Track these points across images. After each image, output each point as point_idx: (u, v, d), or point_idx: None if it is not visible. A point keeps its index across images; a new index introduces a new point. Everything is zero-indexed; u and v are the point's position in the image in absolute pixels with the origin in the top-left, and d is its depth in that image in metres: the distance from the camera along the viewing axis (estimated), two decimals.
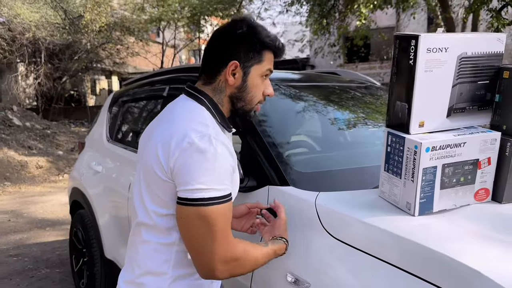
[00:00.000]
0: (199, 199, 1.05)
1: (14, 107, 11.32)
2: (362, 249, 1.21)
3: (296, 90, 2.08)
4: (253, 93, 1.23)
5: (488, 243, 1.11)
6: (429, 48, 1.21)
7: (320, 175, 1.56)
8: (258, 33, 1.20)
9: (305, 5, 11.96)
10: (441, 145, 1.22)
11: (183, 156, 1.06)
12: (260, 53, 1.21)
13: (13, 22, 11.20)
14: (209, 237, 1.07)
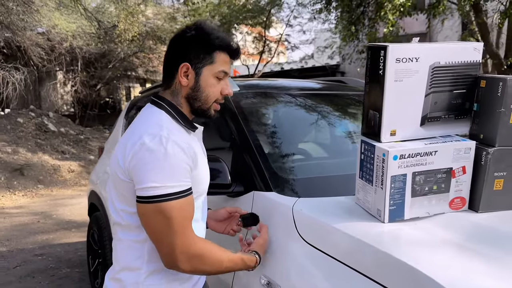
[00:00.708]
0: (153, 197, 1.12)
1: (50, 113, 11.86)
2: (330, 254, 1.24)
3: (294, 98, 2.12)
4: (207, 93, 1.27)
5: (452, 252, 1.11)
6: (398, 58, 1.24)
7: (301, 182, 1.60)
8: (207, 34, 1.25)
9: (334, 12, 11.92)
10: (410, 153, 1.24)
11: (136, 157, 1.13)
12: (210, 54, 1.25)
13: (51, 32, 11.76)
14: (168, 231, 1.14)
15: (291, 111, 2.04)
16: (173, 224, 1.13)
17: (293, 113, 2.03)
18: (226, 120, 1.89)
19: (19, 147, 8.46)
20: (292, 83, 2.52)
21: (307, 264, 1.28)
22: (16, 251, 4.32)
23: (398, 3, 7.99)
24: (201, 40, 1.25)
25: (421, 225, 1.27)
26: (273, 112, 2.03)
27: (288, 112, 2.06)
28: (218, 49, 1.26)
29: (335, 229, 1.25)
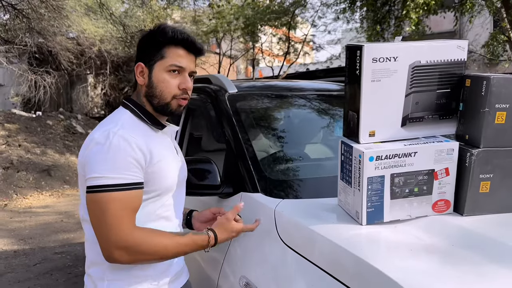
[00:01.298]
0: (93, 187, 1.15)
1: (79, 115, 12.22)
2: (305, 256, 1.23)
3: (290, 99, 2.11)
4: (161, 88, 1.28)
5: (427, 256, 1.09)
6: (375, 58, 1.21)
7: (286, 183, 1.59)
8: (155, 33, 1.28)
9: (358, 12, 11.77)
10: (387, 154, 1.22)
11: (86, 151, 1.20)
12: (159, 50, 1.28)
13: (80, 37, 12.13)
14: (103, 222, 1.15)
15: (285, 113, 2.04)
16: (108, 215, 1.14)
17: (286, 114, 2.02)
18: (220, 121, 1.90)
19: (48, 148, 8.77)
20: (291, 84, 2.51)
21: (284, 267, 1.28)
22: (37, 249, 4.48)
23: (421, 1, 7.80)
24: (151, 38, 1.29)
25: (401, 228, 1.24)
26: (266, 114, 2.03)
27: (282, 113, 2.05)
28: (167, 44, 1.28)
29: (311, 231, 1.24)
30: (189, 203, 1.94)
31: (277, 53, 17.54)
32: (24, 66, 12.29)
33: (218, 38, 16.28)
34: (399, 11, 10.58)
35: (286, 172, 1.70)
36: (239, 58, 19.15)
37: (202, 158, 1.70)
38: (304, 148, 1.92)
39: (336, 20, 14.62)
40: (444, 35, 14.23)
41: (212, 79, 2.30)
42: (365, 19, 11.71)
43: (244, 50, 18.72)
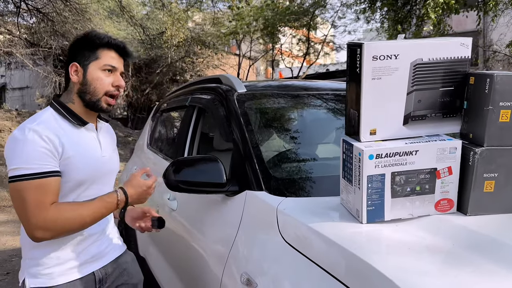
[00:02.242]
0: (12, 177, 1.30)
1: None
2: (305, 254, 1.23)
3: (300, 99, 2.12)
4: (95, 85, 1.41)
5: (428, 256, 1.08)
6: (375, 56, 1.21)
7: (290, 182, 1.60)
8: (90, 37, 1.43)
9: (378, 12, 11.64)
10: (387, 152, 1.21)
11: (7, 146, 1.34)
12: (95, 51, 1.42)
13: None
14: (23, 208, 1.29)
15: (291, 112, 2.04)
16: (26, 201, 1.28)
17: (293, 114, 2.03)
18: (228, 120, 1.92)
19: None
20: (301, 83, 2.52)
21: (285, 264, 1.29)
22: None
23: (441, 1, 7.66)
24: (86, 42, 1.43)
25: (402, 227, 1.23)
26: (273, 113, 2.04)
27: (288, 112, 2.05)
28: (101, 47, 1.43)
29: (311, 229, 1.24)
30: (195, 201, 1.97)
31: (297, 54, 17.50)
32: (49, 68, 12.63)
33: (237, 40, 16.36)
34: (420, 11, 10.43)
35: (290, 170, 1.70)
36: (258, 60, 19.19)
37: (208, 157, 1.72)
38: (308, 147, 1.92)
39: (357, 21, 14.48)
40: (467, 35, 13.83)
41: (223, 79, 2.33)
42: (385, 19, 11.57)
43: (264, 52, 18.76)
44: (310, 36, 15.62)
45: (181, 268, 2.10)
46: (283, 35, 16.04)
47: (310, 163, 1.79)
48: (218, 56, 16.61)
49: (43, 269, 1.41)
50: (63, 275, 1.43)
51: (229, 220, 1.67)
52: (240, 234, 1.55)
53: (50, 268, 1.41)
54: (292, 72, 16.24)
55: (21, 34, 11.85)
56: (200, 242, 1.87)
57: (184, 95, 2.84)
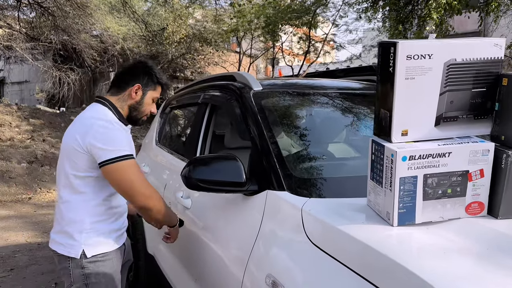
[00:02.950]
0: (113, 158, 1.60)
1: None
2: (334, 257, 1.21)
3: (316, 97, 2.09)
4: (145, 108, 1.85)
5: (463, 260, 1.06)
6: (409, 55, 1.19)
7: (313, 182, 1.57)
8: (156, 72, 1.85)
9: (380, 11, 11.62)
10: (420, 154, 1.19)
11: (93, 134, 1.62)
12: (155, 84, 1.85)
13: (104, 35, 12.31)
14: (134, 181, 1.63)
15: (311, 111, 2.02)
16: (135, 175, 1.63)
17: (312, 112, 2.00)
18: (245, 118, 1.90)
19: None
20: (317, 82, 2.49)
21: (312, 266, 1.26)
22: None
23: (443, 1, 7.64)
24: (151, 73, 1.83)
25: (433, 230, 1.21)
26: (292, 111, 2.02)
27: (308, 111, 2.03)
28: (159, 83, 1.87)
29: (340, 231, 1.22)
30: (210, 200, 1.95)
31: (297, 52, 17.46)
32: (48, 63, 12.55)
33: (238, 37, 16.31)
34: (422, 11, 10.40)
35: (312, 170, 1.68)
36: (259, 57, 19.13)
37: (227, 155, 1.69)
38: (330, 147, 1.90)
39: (358, 20, 14.45)
40: (468, 36, 13.91)
41: (237, 76, 2.30)
42: (387, 19, 11.55)
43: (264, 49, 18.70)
44: (311, 34, 15.57)
45: (194, 267, 2.08)
46: (285, 33, 15.97)
47: (332, 163, 1.76)
48: (218, 54, 16.54)
49: (102, 239, 1.73)
50: (115, 242, 1.78)
51: (249, 220, 1.65)
52: (261, 235, 1.53)
53: (107, 238, 1.75)
54: (292, 70, 16.20)
55: (21, 28, 11.76)
56: (216, 242, 1.85)
57: (195, 92, 2.81)
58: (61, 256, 1.73)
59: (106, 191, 1.73)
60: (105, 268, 1.74)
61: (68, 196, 1.72)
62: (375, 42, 16.33)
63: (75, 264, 1.70)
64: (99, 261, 1.73)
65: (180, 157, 2.62)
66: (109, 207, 1.76)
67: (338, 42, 17.52)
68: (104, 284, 1.75)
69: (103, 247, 1.74)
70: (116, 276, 1.80)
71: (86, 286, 1.72)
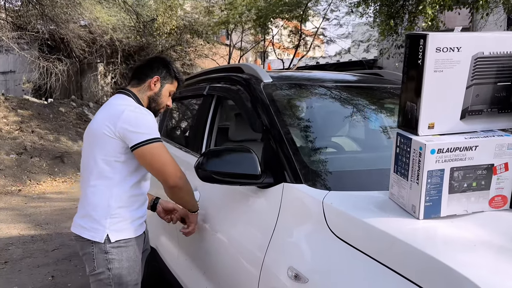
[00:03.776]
0: (145, 141, 1.68)
1: (91, 103, 12.23)
2: (361, 249, 1.21)
3: (328, 90, 2.08)
4: (162, 100, 1.92)
5: (490, 252, 1.06)
6: (439, 48, 1.18)
7: (332, 175, 1.57)
8: (174, 67, 1.95)
9: (372, 6, 11.64)
10: (448, 147, 1.19)
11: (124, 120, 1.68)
12: (172, 78, 1.94)
13: (93, 25, 12.09)
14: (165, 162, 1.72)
15: (324, 103, 2.00)
16: (166, 157, 1.71)
17: (325, 105, 1.99)
18: (257, 111, 1.88)
19: (61, 135, 8.78)
20: (326, 75, 2.48)
21: (337, 259, 1.26)
22: (55, 234, 4.49)
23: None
24: (170, 67, 1.93)
25: (458, 223, 1.21)
26: (305, 104, 2.00)
27: (321, 104, 2.02)
28: (175, 78, 1.95)
29: (367, 224, 1.21)
30: (220, 192, 1.93)
31: (287, 46, 17.42)
32: (36, 53, 12.28)
33: (229, 30, 16.21)
34: (413, 6, 10.46)
35: (330, 163, 1.67)
36: (249, 51, 19.06)
37: (241, 148, 1.68)
38: (345, 140, 1.89)
39: (350, 14, 14.46)
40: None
41: (245, 68, 2.27)
42: (378, 14, 11.59)
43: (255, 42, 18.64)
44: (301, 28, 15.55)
45: (203, 260, 2.06)
46: (276, 27, 15.92)
47: (349, 156, 1.76)
48: (209, 46, 16.41)
49: (126, 225, 1.77)
50: (137, 229, 1.83)
51: (264, 213, 1.64)
52: (279, 228, 1.52)
53: (130, 224, 1.79)
54: (283, 64, 16.18)
55: (7, 17, 11.48)
56: (229, 234, 1.83)
57: (199, 83, 2.78)
58: (85, 241, 1.75)
59: (132, 178, 1.78)
60: (128, 253, 1.78)
61: (95, 181, 1.75)
62: (365, 37, 16.39)
63: (99, 249, 1.73)
64: (122, 247, 1.76)
65: (184, 149, 2.58)
66: (134, 194, 1.80)
67: (328, 36, 17.51)
68: (126, 269, 1.77)
69: (126, 233, 1.78)
70: (137, 262, 1.84)
71: (109, 270, 1.74)
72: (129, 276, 1.79)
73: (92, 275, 1.80)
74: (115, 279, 1.76)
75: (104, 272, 1.75)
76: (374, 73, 2.72)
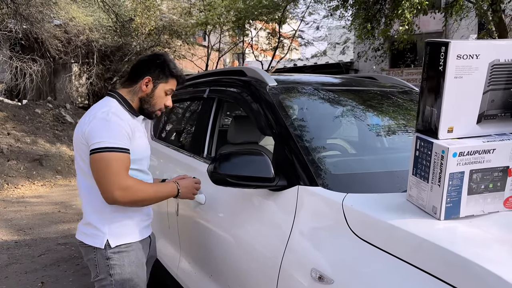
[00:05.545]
0: (97, 148, 1.61)
1: (67, 105, 11.95)
2: (386, 250, 1.24)
3: (332, 93, 2.12)
4: (156, 101, 1.82)
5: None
6: (459, 55, 1.23)
7: (349, 177, 1.60)
8: (169, 64, 1.81)
9: (350, 9, 11.85)
10: (469, 150, 1.24)
11: (90, 125, 1.65)
12: (167, 77, 1.81)
13: (69, 25, 11.83)
14: (107, 173, 1.60)
15: (331, 106, 2.04)
16: (110, 167, 1.60)
17: (332, 108, 2.03)
18: (266, 114, 1.89)
19: (38, 137, 8.56)
20: (326, 79, 2.52)
21: (361, 259, 1.29)
22: (39, 239, 4.38)
23: (416, 1, 7.91)
24: (164, 67, 1.81)
25: (476, 223, 1.27)
26: (313, 107, 2.03)
27: (328, 107, 2.05)
28: (171, 76, 1.82)
29: (392, 226, 1.25)
30: (227, 195, 1.94)
31: (265, 48, 17.49)
32: (8, 53, 11.91)
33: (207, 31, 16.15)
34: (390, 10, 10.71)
35: (344, 166, 1.71)
36: (227, 52, 19.05)
37: (254, 151, 1.69)
38: (357, 142, 1.93)
39: (328, 17, 14.66)
40: (431, 35, 14.48)
41: (247, 72, 2.29)
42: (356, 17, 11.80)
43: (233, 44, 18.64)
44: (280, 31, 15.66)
45: (208, 263, 2.06)
46: (254, 28, 15.96)
47: (364, 158, 1.80)
48: (187, 47, 16.31)
49: (126, 229, 1.75)
50: (138, 233, 1.80)
51: (278, 216, 1.66)
52: (296, 230, 1.54)
53: (131, 228, 1.76)
54: (262, 65, 16.24)
55: None
56: (239, 237, 1.84)
57: (198, 86, 2.77)
58: (88, 247, 1.75)
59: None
60: (129, 258, 1.75)
61: (84, 189, 1.75)
62: (342, 39, 16.65)
63: (101, 255, 1.72)
64: (124, 252, 1.74)
65: (186, 152, 2.57)
66: None
67: (306, 38, 17.68)
68: (128, 274, 1.74)
69: (127, 237, 1.76)
70: (141, 268, 1.80)
71: (111, 276, 1.72)
72: (132, 281, 1.76)
73: (96, 281, 1.77)
74: (117, 285, 1.73)
75: (107, 278, 1.73)
76: (369, 76, 2.78)
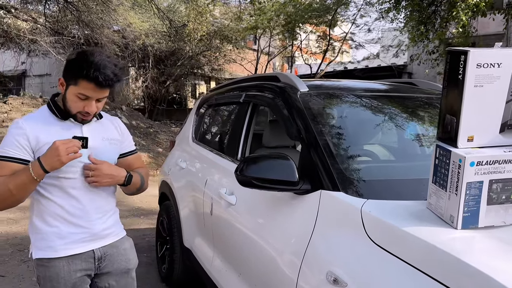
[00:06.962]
0: None
1: (123, 107, 12.57)
2: (400, 257, 1.25)
3: (364, 99, 2.13)
4: (70, 104, 1.61)
5: None
6: (479, 64, 1.22)
7: (369, 183, 1.61)
8: (81, 65, 1.53)
9: (403, 12, 11.54)
10: (488, 160, 1.22)
11: None
12: (75, 79, 1.56)
13: (126, 30, 12.44)
14: None
15: (360, 113, 2.05)
16: None
17: (362, 114, 2.04)
18: (295, 119, 1.94)
19: None
20: (361, 84, 2.53)
21: (375, 264, 1.31)
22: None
23: (472, 3, 7.57)
24: (73, 67, 1.57)
25: (496, 234, 1.25)
26: (341, 113, 2.06)
27: (357, 113, 2.06)
28: (80, 78, 1.54)
29: (406, 233, 1.26)
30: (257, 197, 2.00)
31: (315, 51, 17.42)
32: None
33: (257, 35, 16.34)
34: (445, 12, 10.32)
35: (367, 172, 1.72)
36: (276, 55, 19.15)
37: (279, 155, 1.74)
38: (382, 150, 1.94)
39: (380, 20, 14.35)
40: (491, 38, 13.74)
41: (281, 77, 2.34)
42: (409, 19, 11.47)
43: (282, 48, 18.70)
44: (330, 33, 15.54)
45: (238, 262, 2.14)
46: (304, 32, 15.95)
47: (385, 164, 1.80)
48: (237, 51, 16.61)
49: (47, 243, 1.62)
50: (61, 250, 1.62)
51: (301, 219, 1.70)
52: (316, 234, 1.58)
53: (52, 243, 1.62)
54: (311, 69, 16.17)
55: (45, 22, 11.95)
56: (265, 238, 1.90)
57: (235, 91, 2.87)
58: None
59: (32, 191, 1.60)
60: (50, 274, 1.63)
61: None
62: (395, 42, 16.22)
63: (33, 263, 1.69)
64: (45, 266, 1.64)
65: (221, 154, 2.67)
66: (44, 209, 1.63)
67: (357, 41, 17.40)
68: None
69: (47, 252, 1.63)
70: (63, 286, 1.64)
71: (39, 285, 1.69)
72: None
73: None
74: None
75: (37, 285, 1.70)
76: (408, 82, 2.74)
